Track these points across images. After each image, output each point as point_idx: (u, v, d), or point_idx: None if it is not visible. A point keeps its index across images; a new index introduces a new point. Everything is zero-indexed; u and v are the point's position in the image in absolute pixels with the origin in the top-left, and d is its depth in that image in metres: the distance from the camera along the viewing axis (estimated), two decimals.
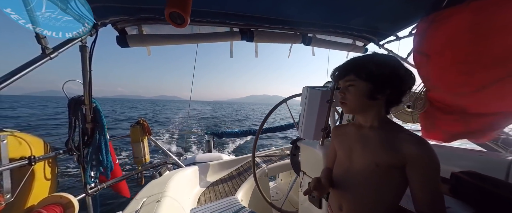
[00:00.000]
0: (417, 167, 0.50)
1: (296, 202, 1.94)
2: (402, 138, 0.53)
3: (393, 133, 0.57)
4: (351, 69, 0.61)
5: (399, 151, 0.52)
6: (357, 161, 0.62)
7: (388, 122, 0.62)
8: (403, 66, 0.59)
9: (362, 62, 0.61)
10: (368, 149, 0.59)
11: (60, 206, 1.19)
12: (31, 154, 1.16)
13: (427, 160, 0.49)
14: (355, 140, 0.65)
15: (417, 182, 0.50)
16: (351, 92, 0.60)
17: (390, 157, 0.53)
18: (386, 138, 0.57)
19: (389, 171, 0.54)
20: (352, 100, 0.61)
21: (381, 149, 0.56)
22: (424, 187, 0.50)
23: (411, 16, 1.43)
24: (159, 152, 6.53)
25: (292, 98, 1.81)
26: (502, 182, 0.67)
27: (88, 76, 1.27)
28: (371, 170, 0.57)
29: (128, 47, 1.39)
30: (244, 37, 1.60)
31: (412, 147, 0.50)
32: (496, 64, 1.01)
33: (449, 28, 1.14)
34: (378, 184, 0.56)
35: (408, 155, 0.50)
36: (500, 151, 1.34)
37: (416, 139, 0.52)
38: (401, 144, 0.52)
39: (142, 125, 1.96)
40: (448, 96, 1.30)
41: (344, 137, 0.70)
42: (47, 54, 0.95)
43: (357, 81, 0.59)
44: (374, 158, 0.57)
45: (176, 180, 1.81)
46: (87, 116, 1.40)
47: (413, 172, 0.51)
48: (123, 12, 1.21)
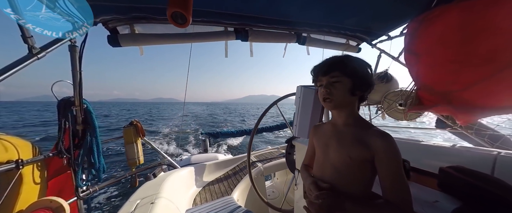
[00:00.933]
0: (382, 158, 0.56)
1: (292, 200, 1.95)
2: (370, 133, 0.60)
3: (364, 129, 0.63)
4: (336, 66, 0.64)
5: (368, 145, 0.59)
6: (332, 155, 0.66)
7: (360, 119, 0.68)
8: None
9: (345, 60, 0.65)
10: (343, 144, 0.64)
11: (50, 211, 1.16)
12: (18, 157, 1.12)
13: (390, 152, 0.56)
14: (331, 137, 0.69)
15: (383, 172, 0.57)
16: (337, 89, 0.63)
17: (361, 151, 0.60)
18: (357, 133, 0.63)
19: (361, 163, 0.61)
20: (339, 96, 0.63)
21: (354, 144, 0.62)
22: (389, 175, 0.56)
23: (403, 16, 1.46)
24: (154, 154, 6.44)
25: (287, 97, 1.82)
26: (488, 176, 0.69)
27: (78, 77, 1.24)
28: (346, 163, 0.63)
29: (120, 46, 1.36)
30: (238, 36, 1.60)
31: (378, 140, 0.57)
32: (483, 62, 1.04)
33: (438, 28, 1.17)
34: (352, 175, 0.62)
35: (375, 148, 0.57)
36: (487, 146, 1.39)
37: (381, 134, 0.58)
38: (370, 139, 0.59)
39: (136, 126, 1.93)
40: (437, 95, 1.34)
41: (321, 134, 0.75)
42: (34, 54, 0.92)
43: (342, 78, 0.62)
44: (348, 152, 0.62)
45: (171, 181, 1.79)
46: (77, 117, 1.36)
47: (380, 163, 0.57)
48: (114, 11, 1.18)
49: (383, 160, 0.56)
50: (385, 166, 0.56)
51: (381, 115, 2.36)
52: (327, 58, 0.69)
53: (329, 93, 0.63)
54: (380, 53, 2.03)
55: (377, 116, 2.44)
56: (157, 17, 1.31)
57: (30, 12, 0.84)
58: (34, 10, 0.84)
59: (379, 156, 0.57)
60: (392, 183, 0.55)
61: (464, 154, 0.80)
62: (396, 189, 0.55)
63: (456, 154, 0.83)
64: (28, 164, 1.16)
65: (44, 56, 0.96)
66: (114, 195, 4.43)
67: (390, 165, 0.56)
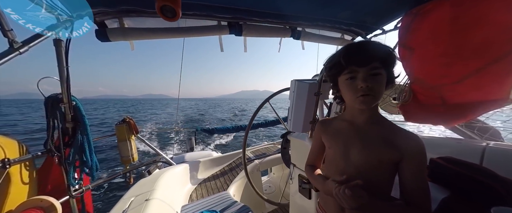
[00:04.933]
0: (413, 162, 0.53)
1: (288, 194, 1.97)
2: (401, 135, 0.55)
3: (390, 129, 0.58)
4: (375, 55, 0.53)
5: (399, 147, 0.54)
6: (357, 157, 0.59)
7: (381, 116, 0.62)
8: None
9: (382, 48, 0.55)
10: (369, 146, 0.57)
11: (41, 210, 1.13)
12: (4, 156, 1.09)
13: (422, 155, 0.53)
14: (352, 137, 0.61)
15: (411, 175, 0.53)
16: (379, 82, 0.53)
17: (391, 154, 0.55)
18: (385, 134, 0.57)
19: (389, 166, 0.56)
20: (380, 91, 0.54)
21: (383, 146, 0.56)
22: (418, 178, 0.53)
23: (397, 10, 1.46)
24: (150, 153, 6.37)
25: (281, 93, 1.82)
26: (476, 166, 0.71)
27: (65, 73, 1.19)
28: (373, 166, 0.57)
29: (109, 41, 1.31)
30: (232, 31, 1.56)
31: (411, 143, 0.53)
32: (474, 55, 1.05)
33: (431, 21, 1.17)
34: (379, 179, 0.57)
35: (407, 150, 0.53)
36: (476, 138, 1.43)
37: (414, 136, 0.54)
38: (402, 141, 0.54)
39: (128, 123, 1.89)
40: (429, 88, 1.36)
41: (336, 133, 0.65)
42: (15, 49, 0.87)
43: (382, 70, 0.53)
44: (377, 155, 0.56)
45: (166, 178, 1.78)
46: (66, 115, 1.32)
47: (408, 165, 0.53)
48: (101, 3, 1.13)
49: (413, 164, 0.53)
50: (414, 169, 0.53)
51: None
52: (354, 43, 0.59)
53: (371, 88, 0.52)
54: None
55: None
56: (147, 10, 1.26)
57: (11, 3, 0.79)
58: (15, 5, 0.80)
59: (409, 159, 0.53)
60: (418, 186, 0.53)
61: (454, 145, 0.82)
62: (422, 192, 0.52)
63: (447, 145, 0.84)
64: (15, 163, 1.13)
65: (27, 51, 0.91)
66: (108, 193, 4.40)
67: (420, 169, 0.53)
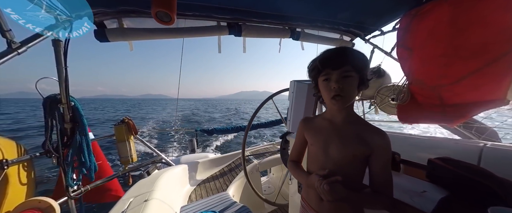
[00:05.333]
0: (380, 155, 0.60)
1: (287, 194, 1.98)
2: (370, 131, 0.63)
3: (362, 126, 0.65)
4: (348, 59, 0.59)
5: (368, 142, 0.61)
6: (335, 153, 0.65)
7: (356, 115, 0.69)
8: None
9: (355, 53, 0.61)
10: (346, 143, 0.64)
11: (39, 211, 1.12)
12: (2, 157, 1.08)
13: (388, 151, 0.61)
14: (330, 134, 0.67)
15: (378, 167, 0.61)
16: (350, 84, 0.59)
17: (364, 149, 0.62)
18: (358, 132, 0.64)
19: (361, 159, 0.63)
20: (351, 92, 0.60)
21: (357, 142, 0.62)
22: (382, 169, 0.61)
23: (395, 11, 1.47)
24: (150, 153, 6.35)
25: (280, 93, 1.82)
26: (474, 166, 0.71)
27: (63, 73, 1.18)
28: (349, 161, 0.64)
29: (108, 41, 1.31)
30: (231, 31, 1.56)
31: (378, 139, 0.61)
32: (472, 56, 1.06)
33: (430, 22, 1.18)
34: (353, 171, 0.65)
35: (374, 145, 0.60)
36: (473, 138, 1.44)
37: (380, 132, 0.62)
38: (371, 137, 0.62)
39: (127, 123, 1.89)
40: (427, 89, 1.37)
41: (317, 130, 0.72)
42: (14, 49, 0.87)
43: (353, 73, 0.59)
44: (353, 151, 0.63)
45: (166, 178, 1.77)
46: (65, 116, 1.32)
47: (376, 158, 0.61)
48: (100, 4, 1.13)
49: (380, 157, 0.60)
50: (381, 162, 0.60)
51: (374, 110, 2.40)
52: (330, 49, 0.64)
53: (342, 89, 0.59)
54: (373, 48, 2.04)
55: (370, 110, 2.48)
56: (146, 11, 1.26)
57: (10, 3, 0.79)
58: (13, 5, 0.79)
59: (377, 153, 0.60)
60: (384, 176, 0.61)
61: (452, 146, 0.83)
62: (386, 181, 0.61)
63: (445, 146, 0.85)
64: (13, 164, 1.12)
65: (25, 51, 0.91)
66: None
67: (385, 161, 0.61)
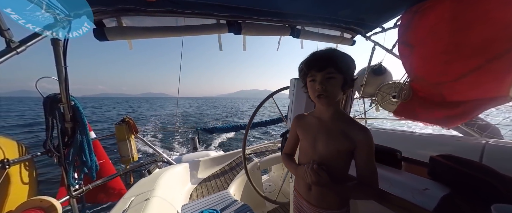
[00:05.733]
0: (363, 149, 0.66)
1: (288, 192, 1.98)
2: (354, 128, 0.68)
3: (348, 123, 0.70)
4: (331, 62, 0.64)
5: (352, 138, 0.67)
6: (321, 148, 0.71)
7: (342, 113, 0.74)
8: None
9: (339, 56, 0.66)
10: (331, 139, 0.70)
11: (41, 210, 1.13)
12: (4, 157, 1.08)
13: (370, 145, 0.65)
14: (318, 131, 0.74)
15: (362, 160, 0.67)
16: (332, 85, 0.64)
17: (348, 144, 0.67)
18: (343, 129, 0.69)
19: (346, 154, 0.69)
20: (333, 92, 0.65)
21: (341, 139, 0.68)
22: (366, 162, 0.66)
23: (396, 7, 1.45)
24: (150, 152, 6.37)
25: (280, 91, 1.81)
26: (476, 163, 0.71)
27: (63, 73, 1.18)
28: (333, 155, 0.70)
29: (107, 40, 1.31)
30: (231, 29, 1.55)
31: (361, 135, 0.66)
32: (473, 53, 1.05)
33: (431, 19, 1.17)
34: (338, 164, 0.70)
35: (358, 141, 0.66)
36: (476, 135, 1.43)
37: (363, 129, 0.67)
38: (354, 133, 0.67)
39: (128, 122, 1.89)
40: (429, 86, 1.36)
41: (307, 127, 0.78)
42: (12, 48, 0.87)
43: (336, 74, 0.64)
44: (337, 147, 0.69)
45: (167, 177, 1.77)
46: (65, 115, 1.32)
47: (360, 152, 0.66)
48: (99, 2, 1.12)
49: (363, 151, 0.66)
50: (364, 155, 0.66)
51: (375, 107, 2.39)
52: (317, 51, 0.69)
53: (325, 90, 0.64)
54: (374, 45, 2.03)
55: (371, 108, 2.47)
56: (145, 9, 1.25)
57: (7, 5, 0.78)
58: (12, 4, 0.79)
59: (360, 147, 0.66)
60: (368, 168, 0.66)
61: (454, 143, 0.82)
62: (370, 173, 0.66)
63: (446, 143, 0.84)
64: (15, 164, 1.13)
65: (24, 50, 0.90)
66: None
67: (368, 155, 0.66)
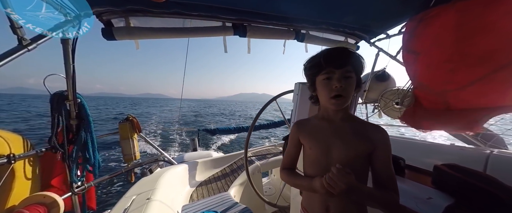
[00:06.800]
0: (382, 150, 0.59)
1: (289, 196, 1.97)
2: (369, 128, 0.62)
3: (361, 124, 0.64)
4: (349, 61, 0.59)
5: (370, 138, 0.60)
6: (338, 155, 0.61)
7: (350, 113, 0.67)
8: None
9: (356, 55, 0.61)
10: (348, 142, 0.61)
11: (44, 206, 1.14)
12: (10, 152, 1.10)
13: (388, 144, 0.60)
14: (331, 135, 0.63)
15: (381, 162, 0.60)
16: (350, 84, 0.59)
17: (366, 146, 0.60)
18: (357, 129, 0.62)
19: (364, 157, 0.61)
20: (350, 93, 0.59)
21: (359, 140, 0.61)
22: (386, 165, 0.59)
23: (401, 15, 1.46)
24: (152, 152, 6.39)
25: (284, 95, 1.82)
26: (480, 173, 0.70)
27: (71, 70, 1.20)
28: (352, 160, 0.61)
29: (115, 40, 1.33)
30: (237, 32, 1.57)
31: (379, 134, 0.60)
32: (479, 62, 1.05)
33: (436, 27, 1.17)
34: (358, 171, 0.59)
35: (376, 141, 0.59)
36: (479, 145, 1.42)
37: (380, 128, 0.61)
38: (372, 133, 0.60)
39: (131, 121, 1.90)
40: (433, 94, 1.35)
41: (315, 133, 0.67)
42: (24, 46, 0.88)
43: (353, 74, 0.59)
44: (355, 150, 0.60)
45: (168, 177, 1.78)
46: (71, 112, 1.33)
47: (379, 154, 0.60)
48: (109, 3, 1.15)
49: (382, 152, 0.59)
50: (383, 157, 0.59)
51: (378, 114, 2.39)
52: (332, 48, 0.63)
53: (344, 89, 0.57)
54: (378, 51, 2.03)
55: (374, 114, 2.46)
56: (153, 10, 1.28)
57: (20, 5, 0.80)
58: (24, 4, 0.81)
59: (379, 148, 0.59)
60: (388, 171, 0.59)
61: (458, 152, 0.82)
62: (391, 176, 0.59)
63: (450, 152, 0.84)
64: (20, 159, 1.14)
65: (35, 48, 0.92)
66: (109, 190, 4.40)
67: (387, 156, 0.59)
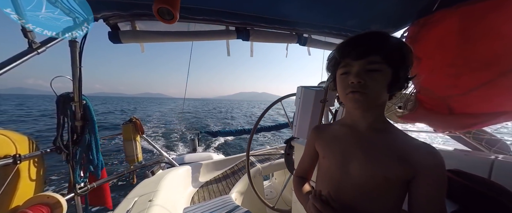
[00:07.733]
0: (430, 179, 0.42)
1: (290, 200, 1.95)
2: (414, 146, 0.44)
3: (400, 138, 0.47)
4: (375, 48, 0.44)
5: (411, 161, 0.43)
6: (356, 172, 0.47)
7: (388, 122, 0.51)
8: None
9: (388, 40, 0.45)
10: (374, 158, 0.46)
11: (47, 207, 1.15)
12: (16, 152, 1.12)
13: (441, 173, 0.43)
14: (352, 145, 0.50)
15: (423, 197, 0.43)
16: (375, 80, 0.44)
17: (402, 169, 0.43)
18: (394, 144, 0.46)
19: (398, 185, 0.45)
20: (375, 90, 0.44)
21: (391, 159, 0.44)
22: (435, 200, 0.42)
23: (403, 19, 1.47)
24: (154, 152, 6.41)
25: (289, 97, 1.83)
26: (485, 180, 0.70)
27: (78, 73, 1.23)
28: (378, 184, 0.45)
29: (121, 43, 1.35)
30: (240, 36, 1.59)
31: (428, 157, 0.43)
32: (482, 67, 1.05)
33: (438, 32, 1.17)
34: (384, 200, 0.45)
35: (422, 166, 0.42)
36: (484, 150, 1.40)
37: (431, 149, 0.44)
38: (415, 154, 0.43)
39: (135, 123, 1.92)
40: (436, 98, 1.35)
41: (332, 140, 0.55)
42: (34, 49, 0.91)
43: (383, 65, 0.43)
44: (383, 171, 0.44)
45: (169, 179, 1.78)
46: (76, 114, 1.36)
47: (423, 184, 0.43)
48: (116, 7, 1.18)
49: (432, 182, 0.42)
50: (428, 191, 0.42)
51: None
52: (360, 34, 0.49)
53: (363, 85, 0.43)
54: None
55: None
56: None
57: (30, 10, 0.83)
58: (34, 8, 0.84)
59: (424, 177, 0.43)
60: (437, 208, 0.42)
61: (462, 158, 0.81)
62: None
63: (455, 158, 0.83)
64: (25, 159, 1.16)
65: (44, 51, 0.95)
66: (112, 191, 4.41)
67: (439, 190, 0.42)
